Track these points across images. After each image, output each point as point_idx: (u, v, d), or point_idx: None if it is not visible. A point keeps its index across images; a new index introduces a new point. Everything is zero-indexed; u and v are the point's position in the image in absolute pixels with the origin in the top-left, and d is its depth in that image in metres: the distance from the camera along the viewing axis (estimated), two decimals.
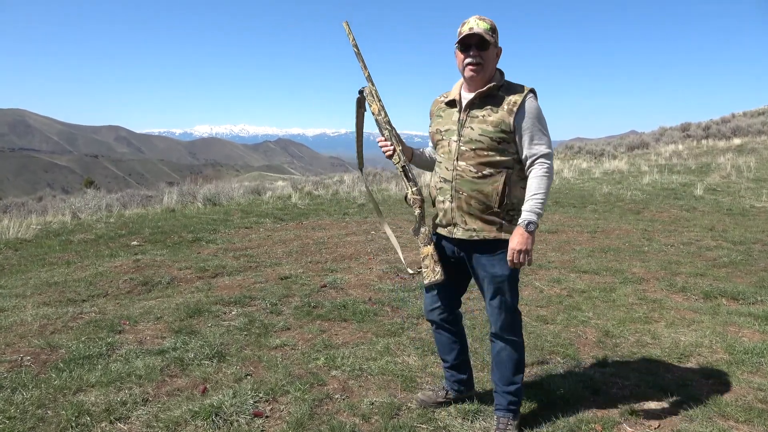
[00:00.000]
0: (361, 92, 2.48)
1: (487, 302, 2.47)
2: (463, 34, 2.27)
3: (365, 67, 2.43)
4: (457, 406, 2.70)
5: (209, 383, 2.92)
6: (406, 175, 2.45)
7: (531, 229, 2.23)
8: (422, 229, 2.46)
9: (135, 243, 6.98)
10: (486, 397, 2.77)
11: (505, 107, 2.29)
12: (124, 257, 6.03)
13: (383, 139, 2.47)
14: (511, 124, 2.28)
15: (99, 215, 9.64)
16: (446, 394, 2.73)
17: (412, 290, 4.69)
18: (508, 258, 2.26)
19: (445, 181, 2.40)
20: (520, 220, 2.27)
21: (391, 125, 2.46)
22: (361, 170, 2.91)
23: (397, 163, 2.46)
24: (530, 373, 3.09)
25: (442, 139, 2.43)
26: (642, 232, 7.54)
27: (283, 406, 2.70)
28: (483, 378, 3.01)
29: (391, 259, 5.86)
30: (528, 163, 2.33)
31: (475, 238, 2.37)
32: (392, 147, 2.45)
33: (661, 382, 3.01)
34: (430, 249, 2.45)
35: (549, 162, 2.30)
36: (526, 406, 2.69)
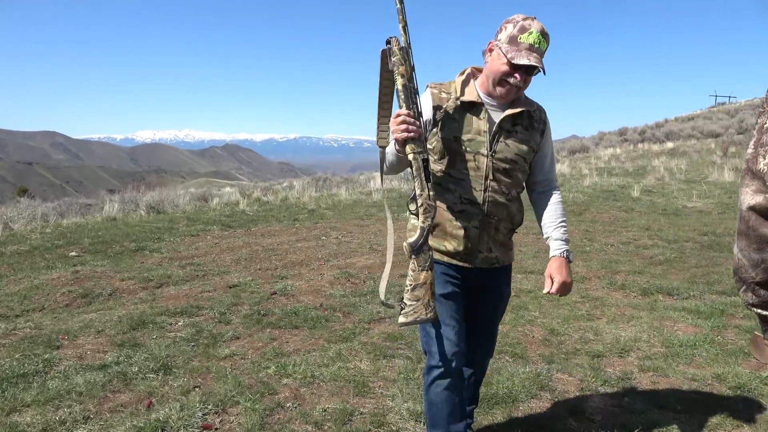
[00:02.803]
0: (388, 42, 1.78)
1: (486, 327, 2.21)
2: (521, 54, 1.83)
3: (403, 10, 1.77)
4: (409, 408, 2.72)
5: (155, 397, 2.83)
6: (426, 172, 1.81)
7: (571, 258, 2.04)
8: (425, 249, 1.82)
9: (74, 254, 6.67)
10: None
11: (535, 126, 2.04)
12: (62, 269, 5.76)
13: (406, 113, 1.76)
14: (538, 144, 2.05)
15: (34, 225, 9.16)
16: None
17: (363, 295, 4.69)
18: (554, 290, 1.97)
19: (472, 203, 1.97)
20: (558, 251, 2.02)
21: (417, 99, 1.80)
22: (382, 169, 2.01)
23: (417, 153, 1.78)
24: None
25: (465, 151, 1.95)
26: (583, 232, 7.83)
27: (233, 418, 2.64)
28: None
29: (342, 265, 5.84)
30: (542, 186, 2.12)
31: (497, 266, 2.09)
32: (418, 128, 1.77)
33: (603, 376, 3.13)
34: (430, 276, 1.84)
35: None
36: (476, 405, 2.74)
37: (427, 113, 1.97)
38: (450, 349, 2.00)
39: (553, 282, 1.97)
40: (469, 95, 1.98)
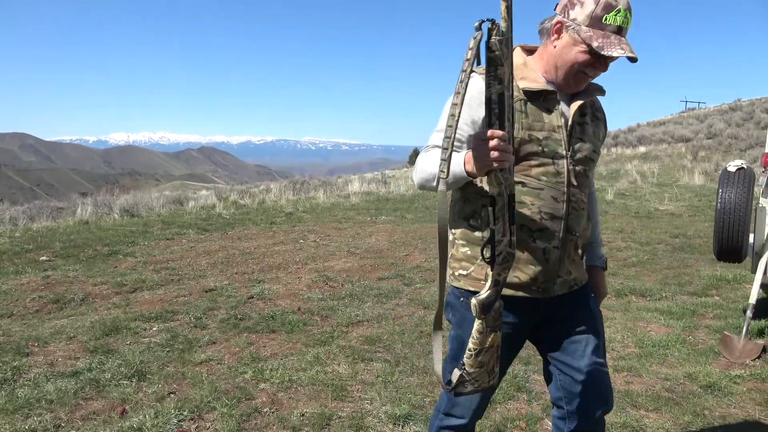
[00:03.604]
0: (490, 30, 1.25)
1: (590, 362, 1.65)
2: (610, 42, 1.46)
3: None
4: (387, 411, 2.71)
5: (128, 404, 2.77)
6: (512, 212, 1.39)
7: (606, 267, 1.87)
8: (497, 306, 1.44)
9: (44, 258, 6.51)
10: (417, 400, 2.81)
11: (599, 115, 1.71)
12: (32, 274, 5.61)
13: (500, 135, 1.29)
14: (603, 138, 1.74)
15: (2, 229, 8.92)
16: None
17: (341, 298, 4.68)
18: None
19: (552, 218, 1.56)
20: (600, 260, 1.83)
21: (513, 114, 1.36)
22: (447, 173, 1.33)
23: (501, 187, 1.35)
24: None
25: (540, 153, 1.55)
26: None
27: (210, 424, 2.60)
28: (413, 383, 3.05)
29: (319, 268, 5.82)
30: (590, 187, 1.77)
31: (575, 288, 1.70)
32: (510, 155, 1.33)
33: None
34: (498, 339, 1.47)
35: None
36: None
37: (481, 108, 1.39)
38: (481, 403, 1.71)
39: (594, 297, 1.77)
40: (537, 82, 1.57)
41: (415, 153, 46.63)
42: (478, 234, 1.59)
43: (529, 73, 1.58)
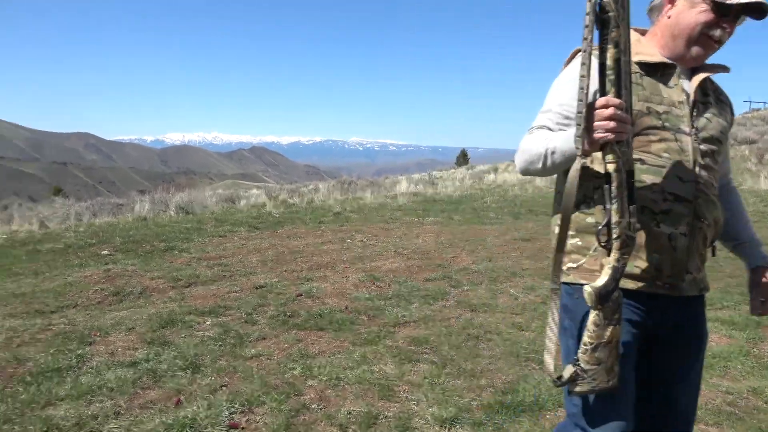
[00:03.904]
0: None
1: (685, 383, 1.53)
2: None
3: None
4: (434, 413, 2.70)
5: (183, 395, 2.87)
6: (631, 191, 1.29)
7: None
8: (615, 296, 1.31)
9: (105, 252, 6.83)
10: (464, 403, 2.79)
11: (724, 99, 1.56)
12: (94, 267, 5.90)
13: (617, 103, 1.21)
14: (731, 121, 1.55)
15: (68, 224, 9.42)
16: None
17: (388, 299, 4.69)
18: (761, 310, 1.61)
19: (679, 200, 1.38)
20: (764, 260, 1.61)
21: (630, 82, 1.27)
22: (581, 149, 1.26)
23: (620, 163, 1.25)
24: (507, 380, 3.12)
25: (662, 128, 1.40)
26: None
27: (259, 417, 2.66)
28: (459, 385, 3.02)
29: (366, 268, 5.86)
30: (726, 177, 1.63)
31: (704, 293, 1.52)
32: (629, 128, 1.24)
33: None
34: (617, 333, 1.33)
35: None
36: (502, 413, 2.71)
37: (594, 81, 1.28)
38: (617, 428, 1.39)
39: (764, 302, 1.59)
40: (651, 56, 1.44)
41: (463, 154, 46.13)
42: (590, 220, 1.42)
43: (644, 48, 1.46)
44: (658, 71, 1.43)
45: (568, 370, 1.35)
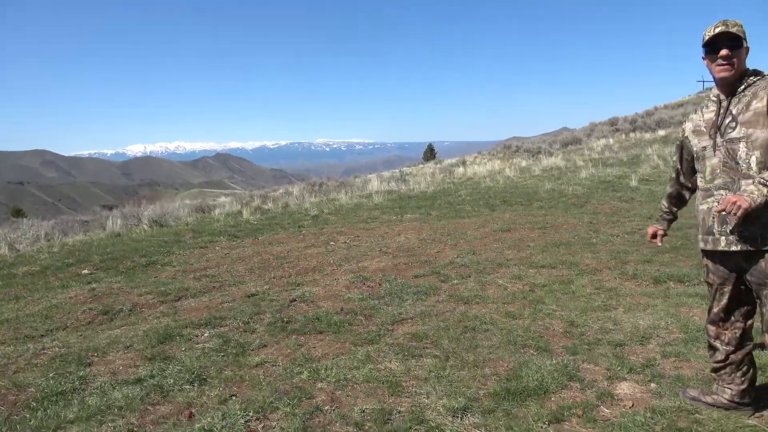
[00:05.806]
0: None
1: None
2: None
3: None
4: (445, 404, 2.79)
5: (195, 407, 2.89)
6: None
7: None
8: None
9: (86, 271, 6.71)
10: (471, 392, 2.88)
11: None
12: (78, 287, 5.80)
13: None
14: None
15: (39, 245, 9.18)
16: None
17: (381, 297, 4.76)
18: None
19: None
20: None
21: None
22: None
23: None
24: (509, 367, 3.23)
25: None
26: (588, 224, 7.93)
27: (275, 423, 2.70)
28: (465, 376, 3.12)
29: (355, 269, 5.91)
30: None
31: None
32: None
33: (628, 364, 3.21)
34: None
35: None
36: (509, 399, 2.82)
37: None
38: None
39: None
40: None
41: (430, 148, 46.48)
42: None
43: None
44: None
45: None
